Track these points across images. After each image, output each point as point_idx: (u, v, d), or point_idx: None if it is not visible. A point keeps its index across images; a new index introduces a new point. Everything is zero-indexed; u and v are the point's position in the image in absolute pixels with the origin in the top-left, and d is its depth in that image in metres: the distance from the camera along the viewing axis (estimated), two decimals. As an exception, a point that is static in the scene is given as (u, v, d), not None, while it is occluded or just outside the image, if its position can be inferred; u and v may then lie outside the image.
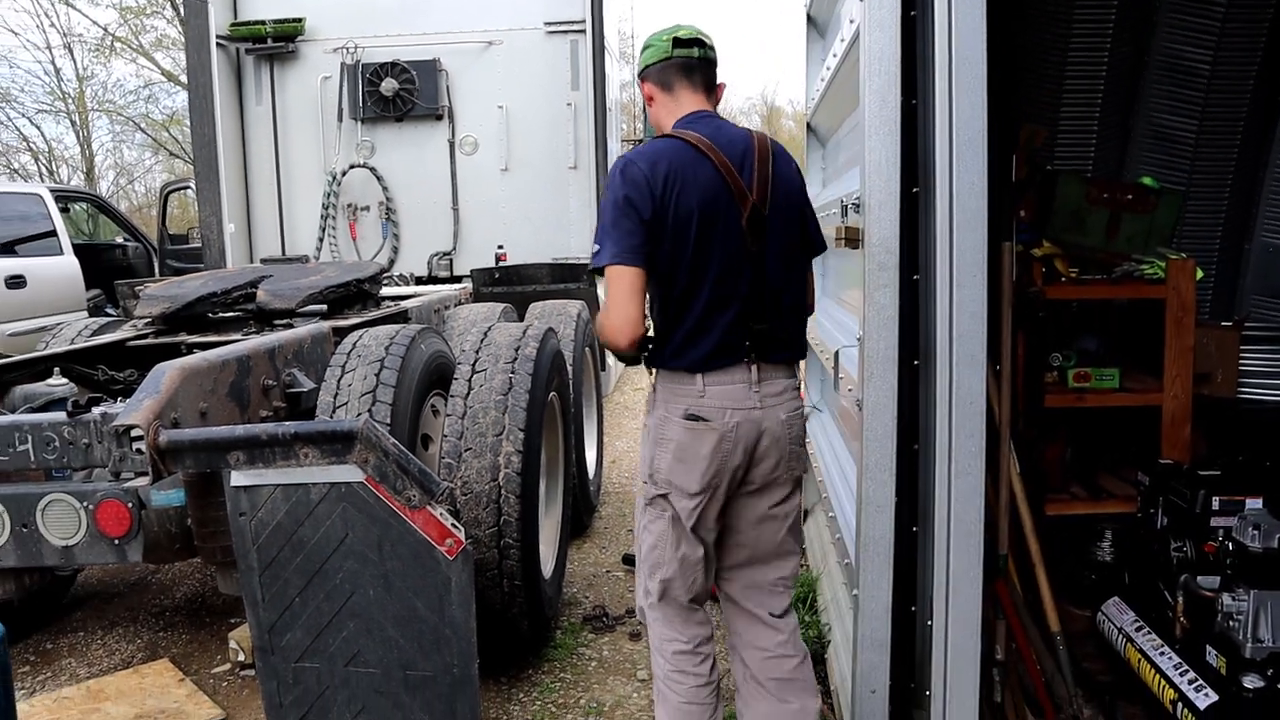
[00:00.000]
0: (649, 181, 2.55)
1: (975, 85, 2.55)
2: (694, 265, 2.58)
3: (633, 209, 2.55)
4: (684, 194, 2.56)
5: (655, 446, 2.68)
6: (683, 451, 2.63)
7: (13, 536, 3.06)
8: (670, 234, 2.56)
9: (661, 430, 2.66)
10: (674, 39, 2.74)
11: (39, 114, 27.42)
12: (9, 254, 8.30)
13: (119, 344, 4.40)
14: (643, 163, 2.58)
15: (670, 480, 2.66)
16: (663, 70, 2.75)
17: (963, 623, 2.71)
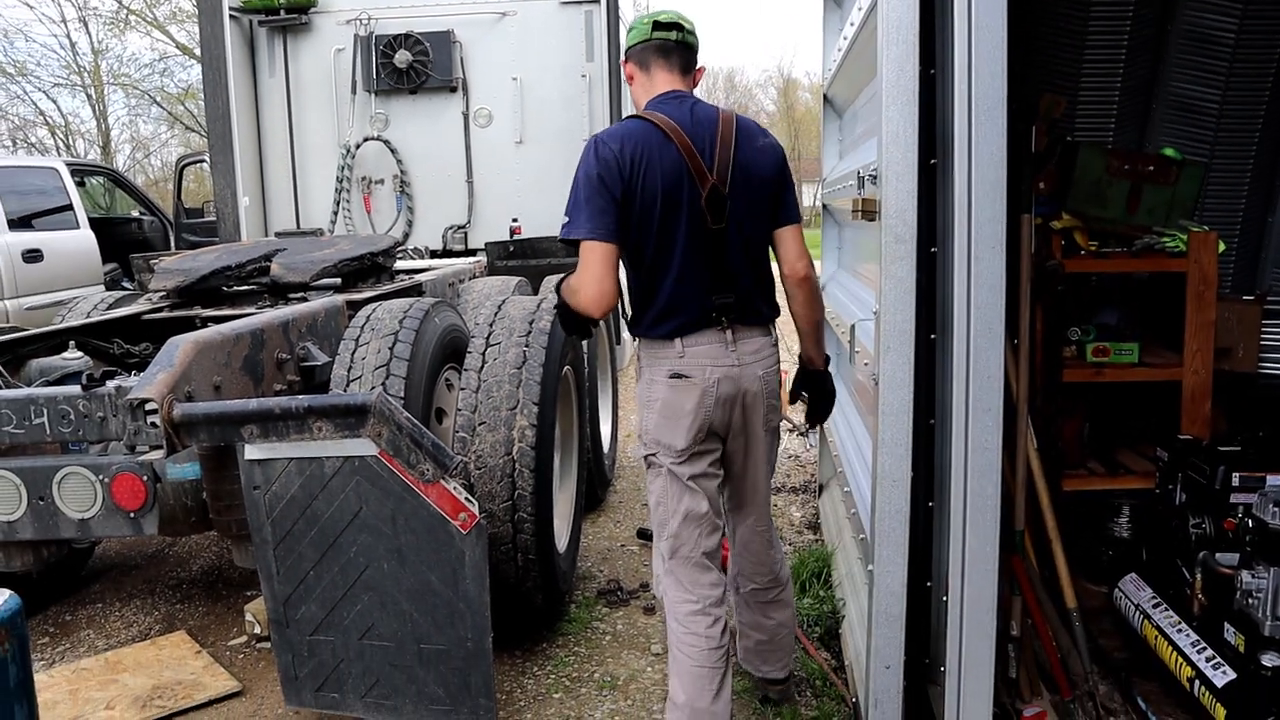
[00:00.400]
0: (618, 161, 2.70)
1: (995, 54, 2.50)
2: (659, 243, 2.75)
3: (605, 187, 2.69)
4: (649, 174, 2.71)
5: (644, 409, 2.85)
6: (668, 409, 2.79)
7: (30, 509, 3.08)
8: (637, 213, 2.72)
9: (648, 392, 2.83)
10: (654, 22, 2.90)
11: (55, 88, 27.50)
12: (26, 228, 8.32)
13: (134, 317, 4.41)
14: (613, 143, 2.72)
15: (658, 439, 2.83)
16: (642, 51, 2.91)
17: (978, 598, 2.69)
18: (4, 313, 7.76)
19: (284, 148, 7.58)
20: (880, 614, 2.82)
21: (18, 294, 7.97)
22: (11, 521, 3.09)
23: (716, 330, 2.79)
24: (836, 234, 5.20)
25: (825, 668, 3.58)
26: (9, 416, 3.00)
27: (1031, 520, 3.46)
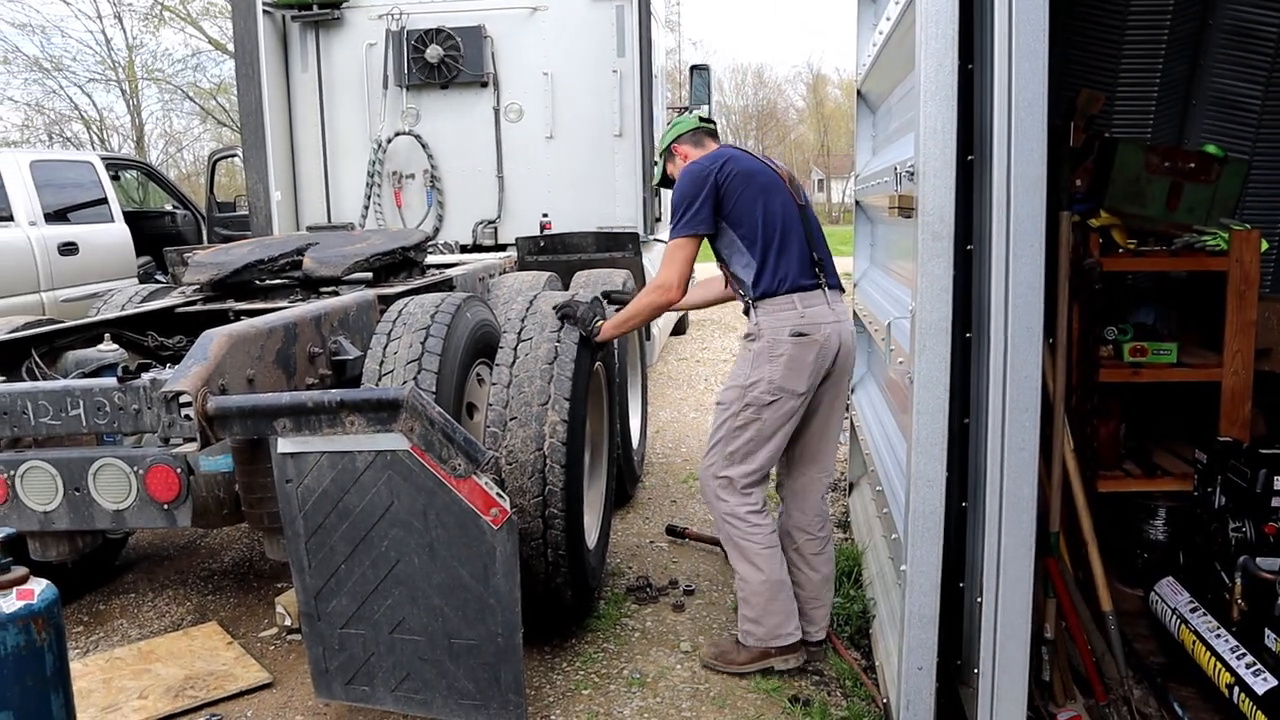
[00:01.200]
0: (714, 164, 3.46)
1: (1036, 49, 2.47)
2: (766, 211, 3.42)
3: (702, 187, 3.41)
4: (743, 168, 3.47)
5: (768, 362, 3.37)
6: (792, 362, 3.36)
7: (65, 500, 3.10)
8: (750, 197, 3.42)
9: (774, 349, 3.37)
10: (699, 117, 3.84)
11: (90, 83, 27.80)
12: (62, 221, 8.41)
13: (168, 310, 4.44)
14: (705, 160, 3.51)
15: (783, 386, 3.37)
16: (695, 134, 3.75)
17: (1012, 600, 2.67)
18: (40, 305, 7.85)
19: (315, 142, 7.60)
20: (913, 614, 2.79)
21: (53, 286, 8.07)
22: (48, 512, 3.12)
23: (819, 291, 3.42)
24: (869, 231, 5.16)
25: (855, 667, 3.55)
26: (46, 408, 3.02)
27: (1066, 522, 3.42)
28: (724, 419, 3.49)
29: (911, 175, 2.79)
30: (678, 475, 6.09)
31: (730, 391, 3.49)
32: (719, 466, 3.52)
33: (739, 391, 3.44)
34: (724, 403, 3.52)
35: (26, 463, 3.08)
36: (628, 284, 5.34)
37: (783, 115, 51.94)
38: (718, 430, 3.52)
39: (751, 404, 3.41)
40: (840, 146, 47.26)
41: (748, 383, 3.41)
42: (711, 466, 3.54)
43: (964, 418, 2.81)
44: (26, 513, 3.12)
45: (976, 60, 2.67)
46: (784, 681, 3.50)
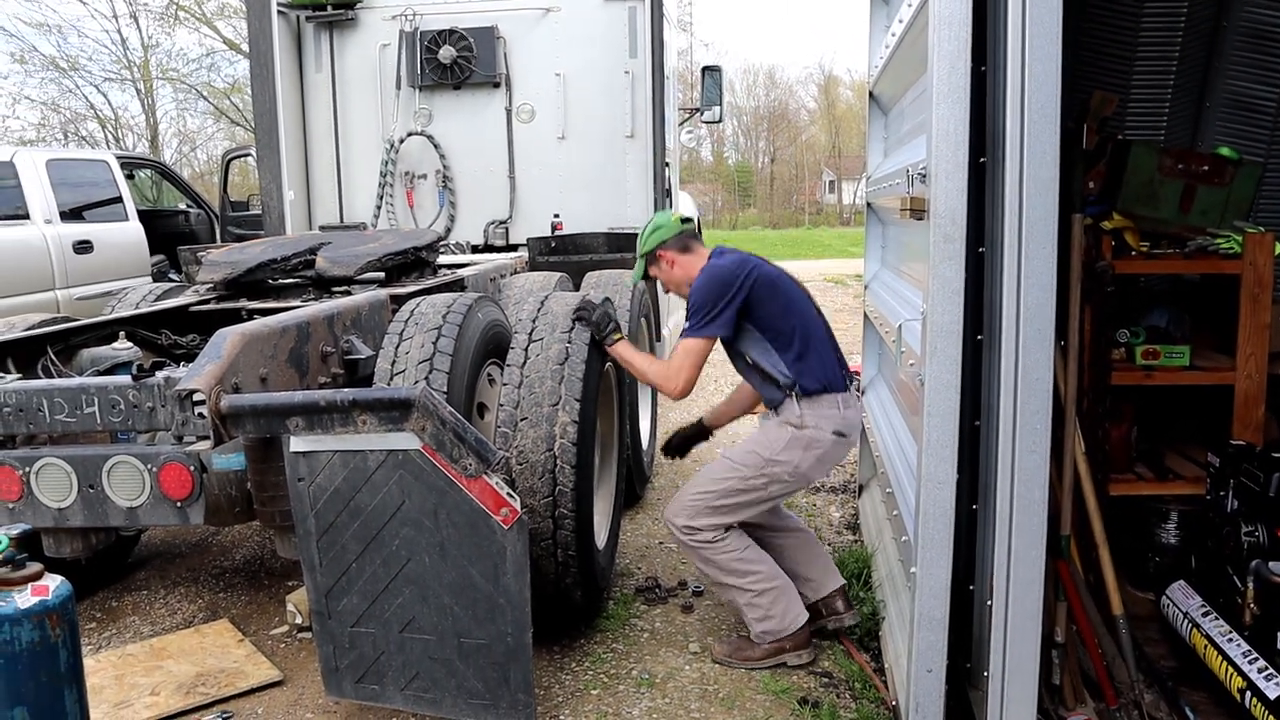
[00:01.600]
0: (741, 269, 3.55)
1: (1049, 51, 2.47)
2: (795, 315, 3.58)
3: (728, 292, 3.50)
4: (767, 274, 3.59)
5: (802, 451, 3.50)
6: (826, 457, 3.56)
7: (80, 497, 3.12)
8: (770, 298, 3.54)
9: (814, 443, 3.51)
10: (680, 218, 3.83)
11: (105, 82, 27.93)
12: (77, 219, 8.45)
13: (182, 309, 4.46)
14: (730, 265, 3.58)
15: (807, 475, 3.57)
16: (679, 238, 3.75)
17: (1023, 603, 2.66)
18: (55, 302, 7.89)
19: (329, 142, 7.62)
20: (922, 617, 2.79)
21: (68, 284, 8.10)
22: (62, 508, 3.14)
23: (851, 394, 3.61)
24: (880, 232, 5.15)
25: (866, 669, 3.55)
26: (61, 405, 3.05)
27: (1078, 525, 3.42)
28: (727, 478, 3.56)
29: (923, 177, 2.79)
30: (686, 476, 6.08)
31: (748, 456, 3.56)
32: (689, 516, 3.58)
33: (760, 461, 3.52)
34: (735, 462, 3.58)
35: (42, 459, 3.10)
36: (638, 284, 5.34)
37: (794, 116, 51.92)
38: (712, 483, 3.58)
39: (768, 478, 3.52)
40: (852, 148, 47.21)
41: (772, 457, 3.51)
42: (681, 515, 3.59)
43: (975, 420, 2.81)
44: (41, 509, 3.14)
45: (989, 62, 2.66)
46: (793, 683, 3.50)
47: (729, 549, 3.55)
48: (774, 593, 3.57)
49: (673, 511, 3.63)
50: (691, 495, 3.61)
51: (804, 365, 3.53)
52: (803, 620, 3.61)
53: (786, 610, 3.58)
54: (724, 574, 3.56)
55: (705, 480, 3.63)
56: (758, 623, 3.59)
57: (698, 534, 3.55)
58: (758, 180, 49.99)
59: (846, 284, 16.54)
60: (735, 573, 3.55)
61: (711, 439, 4.32)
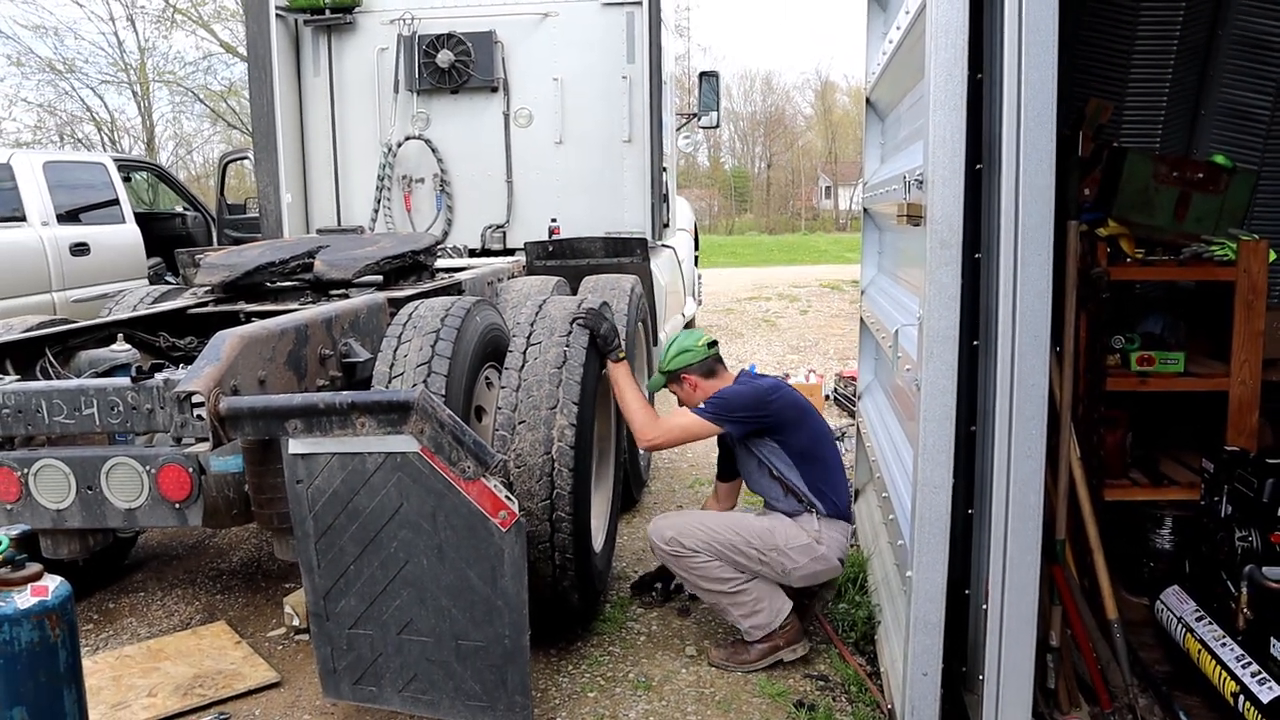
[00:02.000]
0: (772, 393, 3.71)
1: (1045, 58, 2.49)
2: (824, 437, 3.78)
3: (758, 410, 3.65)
4: (793, 400, 3.75)
5: (810, 561, 3.60)
6: (818, 575, 3.68)
7: (78, 498, 3.13)
8: (797, 420, 3.69)
9: (823, 559, 3.62)
10: (707, 342, 3.90)
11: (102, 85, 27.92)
12: (74, 221, 8.45)
13: (180, 311, 4.47)
14: (767, 387, 3.76)
15: (793, 579, 3.64)
16: (704, 363, 3.86)
17: (1018, 607, 2.68)
18: (51, 305, 7.89)
19: (326, 145, 7.64)
20: (918, 620, 2.81)
21: (65, 286, 8.10)
22: (60, 510, 3.14)
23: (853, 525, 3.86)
24: (877, 238, 5.17)
25: (861, 673, 3.56)
26: (60, 406, 3.05)
27: (1072, 530, 3.43)
28: (735, 535, 3.59)
29: (920, 183, 2.81)
30: (683, 480, 6.11)
31: (765, 534, 3.60)
32: (679, 534, 3.61)
33: (770, 545, 3.58)
34: (748, 531, 3.61)
35: (40, 461, 3.11)
36: (635, 289, 5.35)
37: (791, 122, 51.97)
38: (719, 527, 3.62)
39: (766, 562, 3.58)
40: (848, 154, 47.26)
41: (783, 548, 3.58)
42: (671, 530, 3.63)
43: (971, 425, 2.83)
44: (40, 510, 3.15)
45: (986, 69, 2.69)
46: (789, 686, 3.52)
47: (709, 564, 3.59)
48: (755, 588, 3.62)
49: (663, 526, 3.67)
50: (692, 521, 3.67)
51: (825, 489, 3.67)
52: (788, 609, 3.65)
53: (771, 603, 3.63)
54: (705, 581, 3.61)
55: (713, 519, 3.70)
56: (745, 619, 3.62)
57: (681, 552, 3.60)
58: (754, 185, 50.03)
59: (843, 289, 16.57)
60: (716, 579, 3.60)
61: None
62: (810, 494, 3.66)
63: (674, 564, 3.65)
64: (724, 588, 3.59)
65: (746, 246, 31.99)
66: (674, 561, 3.63)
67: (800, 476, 3.67)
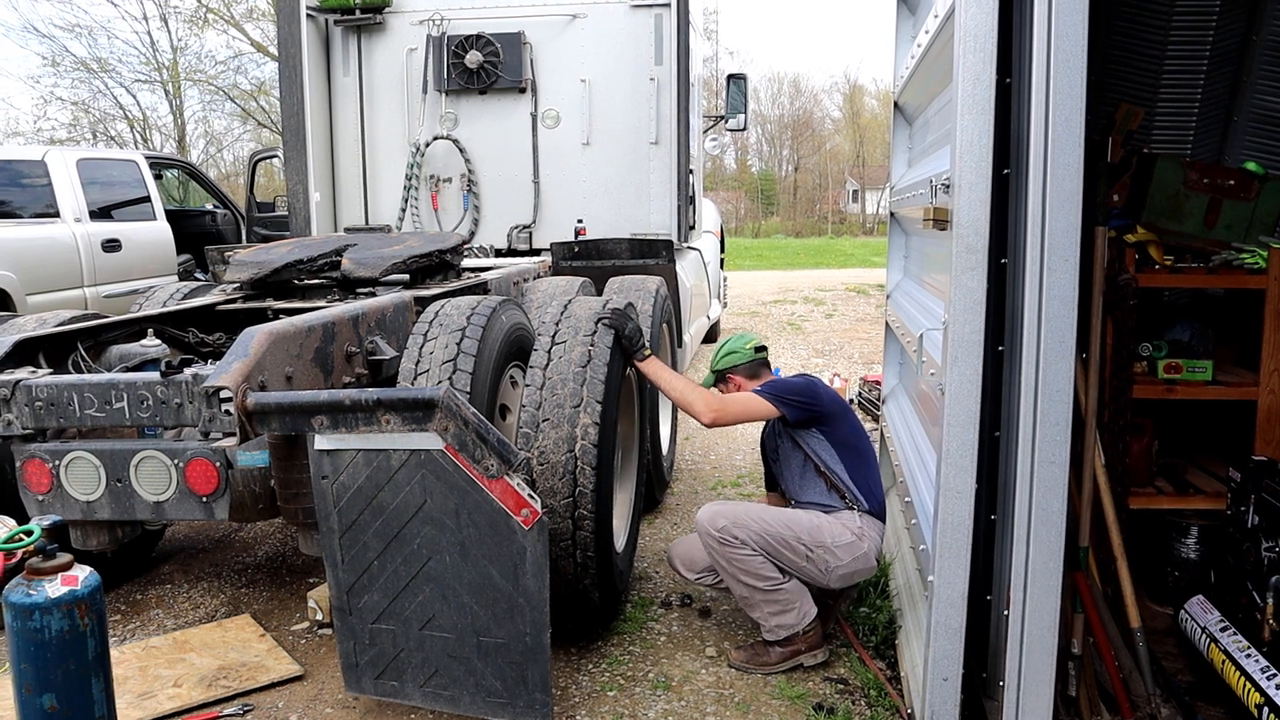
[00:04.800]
0: (821, 388, 3.80)
1: (1075, 63, 2.48)
2: (864, 435, 3.86)
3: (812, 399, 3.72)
4: (836, 397, 3.84)
5: (852, 560, 3.62)
6: (855, 575, 3.70)
7: (108, 490, 3.17)
8: (842, 415, 3.79)
9: (864, 558, 3.65)
10: (755, 346, 4.03)
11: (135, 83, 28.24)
12: (106, 218, 8.55)
13: (209, 308, 4.51)
14: (821, 387, 3.82)
15: (832, 579, 3.64)
16: (751, 365, 4.00)
17: (1040, 614, 2.67)
18: (83, 300, 7.99)
19: (355, 145, 7.70)
20: (939, 625, 2.80)
21: (97, 282, 8.20)
22: (90, 501, 3.18)
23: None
24: (903, 242, 5.16)
25: (880, 677, 3.56)
26: (91, 400, 3.09)
27: (1096, 538, 3.42)
28: (785, 529, 3.60)
29: (947, 188, 2.80)
30: (706, 482, 6.11)
31: (814, 530, 3.61)
32: (732, 523, 3.60)
33: (818, 541, 3.59)
34: (799, 525, 3.62)
35: (71, 453, 3.15)
36: (660, 290, 5.36)
37: (818, 125, 51.86)
38: (773, 520, 3.62)
39: (811, 559, 3.59)
40: (875, 157, 47.11)
41: (830, 545, 3.60)
42: (724, 519, 3.62)
43: (994, 430, 2.82)
44: (70, 502, 3.19)
45: (1014, 74, 2.68)
46: (809, 689, 3.51)
47: (754, 558, 3.58)
48: (790, 588, 3.62)
49: (716, 514, 3.64)
50: (746, 512, 3.67)
51: (866, 487, 3.73)
52: (814, 614, 3.65)
53: (801, 605, 3.63)
54: (746, 575, 3.59)
55: (767, 512, 3.70)
56: (773, 617, 3.62)
57: (730, 542, 3.58)
58: (781, 189, 49.97)
59: (868, 293, 16.52)
60: (757, 575, 3.59)
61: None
62: (854, 488, 3.71)
63: (718, 552, 3.61)
64: (762, 584, 3.60)
65: (772, 249, 31.93)
66: (719, 550, 3.61)
67: (844, 469, 3.73)
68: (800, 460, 3.80)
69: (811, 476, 3.77)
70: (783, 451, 3.88)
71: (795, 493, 3.85)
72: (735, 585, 3.66)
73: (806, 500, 3.78)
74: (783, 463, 3.90)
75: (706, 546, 3.66)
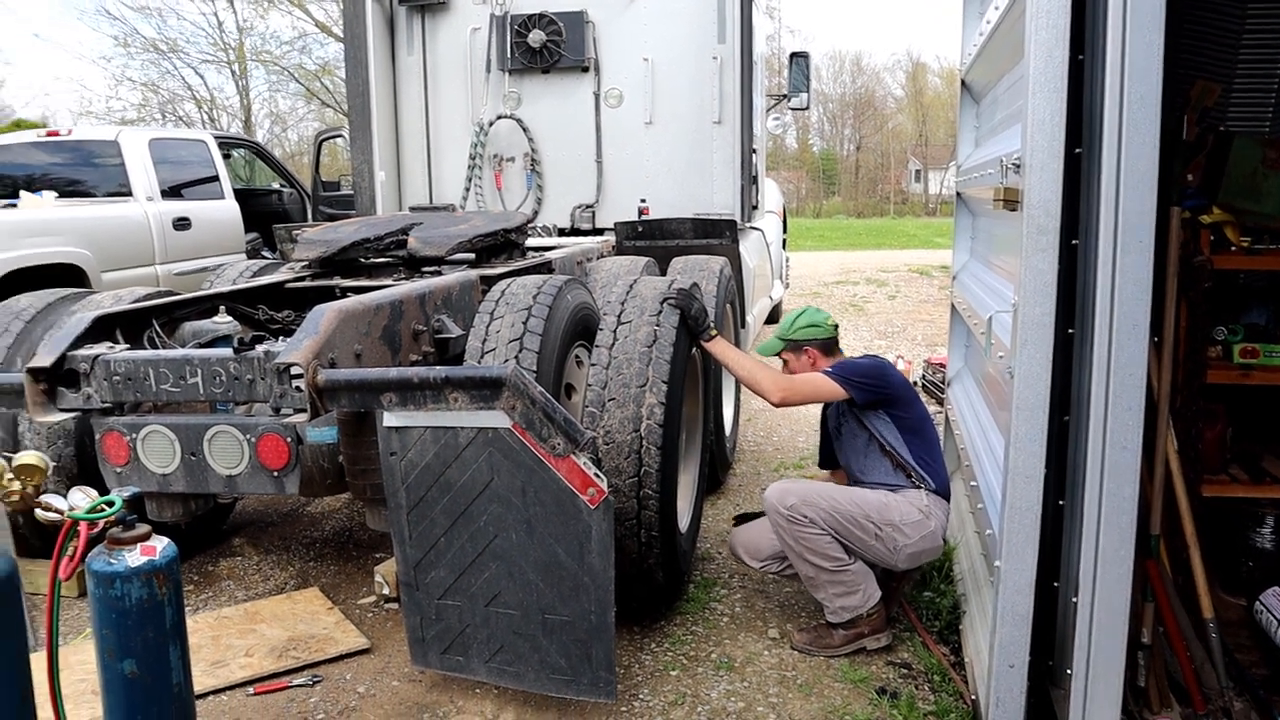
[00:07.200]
0: (892, 368, 3.86)
1: (1151, 39, 2.42)
2: (929, 419, 3.85)
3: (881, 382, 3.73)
4: (904, 377, 3.89)
5: (920, 539, 3.62)
6: (923, 555, 3.70)
7: (182, 464, 3.25)
8: (910, 399, 3.78)
9: (931, 537, 3.65)
10: (833, 323, 4.05)
11: (203, 64, 28.72)
12: (176, 197, 8.72)
13: (278, 285, 4.59)
14: (884, 361, 3.90)
15: (899, 558, 3.64)
16: (826, 343, 3.99)
17: (1110, 602, 2.63)
18: (154, 277, 8.16)
19: (419, 124, 7.75)
20: (1006, 611, 2.77)
21: (167, 259, 8.37)
22: (165, 474, 3.27)
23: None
24: (970, 223, 5.09)
25: (944, 662, 3.54)
26: (166, 375, 3.16)
27: (1168, 525, 3.35)
28: (854, 506, 3.61)
29: (1017, 168, 2.76)
30: (769, 464, 6.10)
31: (883, 509, 3.62)
32: (801, 501, 3.61)
33: (886, 519, 3.60)
34: (868, 503, 3.63)
35: (148, 427, 3.23)
36: (724, 270, 5.34)
37: (880, 104, 51.21)
38: (842, 499, 3.63)
39: (879, 536, 3.60)
40: (939, 136, 46.43)
41: (898, 524, 3.60)
42: (794, 497, 3.62)
43: (1064, 415, 2.78)
44: (146, 474, 3.27)
45: (1088, 51, 2.62)
46: (872, 673, 3.51)
47: (822, 537, 3.58)
48: (856, 569, 3.63)
49: (786, 492, 3.66)
50: (815, 490, 3.68)
51: (931, 467, 3.73)
52: (878, 596, 3.65)
53: (866, 586, 3.64)
54: (813, 554, 3.59)
55: (836, 490, 3.72)
56: (839, 598, 3.62)
57: (799, 520, 3.58)
58: (842, 168, 49.48)
59: (931, 275, 16.31)
60: (824, 555, 3.59)
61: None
62: (919, 468, 3.71)
63: (786, 530, 3.61)
64: (829, 564, 3.60)
65: (834, 230, 31.66)
66: (788, 529, 3.60)
67: (909, 451, 3.73)
68: (865, 439, 3.78)
69: (876, 456, 3.76)
70: (846, 430, 3.87)
71: (860, 471, 3.83)
72: (801, 565, 3.65)
73: (872, 480, 3.76)
74: (845, 441, 3.88)
75: (774, 525, 3.66)
